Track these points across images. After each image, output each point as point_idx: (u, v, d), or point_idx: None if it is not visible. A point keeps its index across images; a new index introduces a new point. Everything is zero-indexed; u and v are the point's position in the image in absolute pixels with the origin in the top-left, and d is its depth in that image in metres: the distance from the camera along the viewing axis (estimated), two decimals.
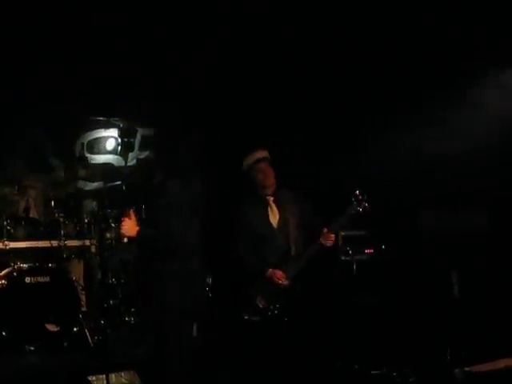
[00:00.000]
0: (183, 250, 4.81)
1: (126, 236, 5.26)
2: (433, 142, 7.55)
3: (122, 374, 5.84)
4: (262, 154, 6.14)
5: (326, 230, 5.83)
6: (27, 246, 7.06)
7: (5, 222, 6.92)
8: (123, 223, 4.92)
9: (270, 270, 5.81)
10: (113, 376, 5.69)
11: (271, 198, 6.06)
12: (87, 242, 7.22)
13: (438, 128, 7.56)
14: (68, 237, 7.09)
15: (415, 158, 7.71)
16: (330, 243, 5.86)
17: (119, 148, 8.56)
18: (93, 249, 7.21)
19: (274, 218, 6.02)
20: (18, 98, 7.66)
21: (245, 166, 6.16)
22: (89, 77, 7.77)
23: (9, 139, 7.81)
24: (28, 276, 6.58)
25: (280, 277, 5.78)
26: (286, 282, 5.78)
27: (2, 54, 6.97)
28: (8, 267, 6.67)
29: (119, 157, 8.82)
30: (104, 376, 5.62)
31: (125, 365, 5.96)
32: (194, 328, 4.99)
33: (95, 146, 8.80)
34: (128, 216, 4.97)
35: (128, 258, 7.74)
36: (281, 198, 6.06)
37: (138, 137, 8.78)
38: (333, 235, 5.85)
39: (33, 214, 7.68)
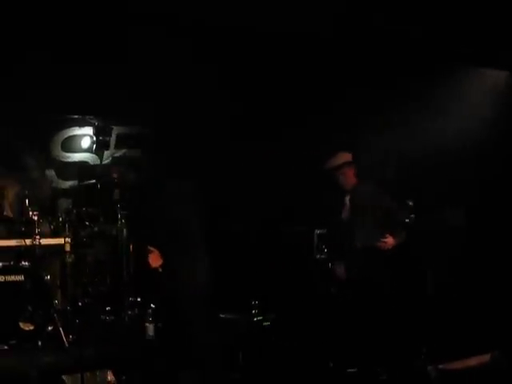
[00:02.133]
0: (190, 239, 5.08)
1: (151, 267, 5.40)
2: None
3: (97, 373, 5.82)
4: (346, 157, 6.54)
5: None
6: (1, 244, 6.99)
7: None
8: (150, 255, 5.29)
9: None
10: (88, 375, 5.66)
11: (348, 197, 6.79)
12: (62, 241, 7.14)
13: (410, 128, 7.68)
14: (43, 235, 7.01)
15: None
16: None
17: (94, 146, 8.56)
18: (67, 247, 7.13)
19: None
20: None
21: (329, 165, 6.52)
22: (64, 74, 7.73)
23: None
24: (1, 275, 6.51)
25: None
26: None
27: None
28: None
29: (94, 155, 8.80)
30: (79, 375, 5.59)
31: (100, 364, 5.93)
32: None
33: (70, 144, 8.75)
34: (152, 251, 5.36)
35: (102, 257, 7.74)
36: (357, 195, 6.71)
37: (113, 135, 8.79)
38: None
39: (7, 212, 7.63)
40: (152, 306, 6.79)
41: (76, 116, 8.64)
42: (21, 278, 6.58)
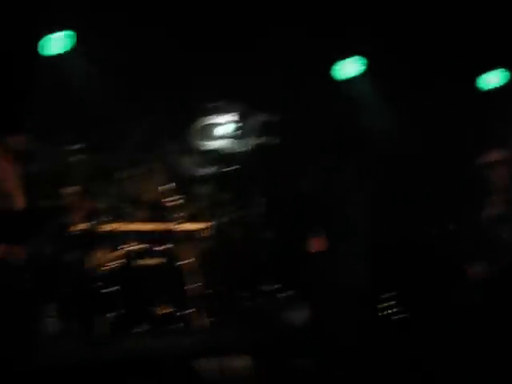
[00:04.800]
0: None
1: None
2: None
3: (234, 358, 5.78)
4: (501, 155, 6.16)
5: None
6: (142, 228, 7.10)
7: (122, 205, 6.97)
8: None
9: None
10: (225, 360, 5.63)
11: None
12: (201, 226, 7.17)
13: None
14: (182, 220, 7.05)
15: None
16: None
17: (234, 133, 8.57)
18: (206, 232, 7.15)
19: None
20: (132, 84, 7.72)
21: (483, 161, 6.14)
22: (206, 62, 7.77)
23: (126, 126, 7.88)
24: (142, 258, 6.61)
25: None
26: None
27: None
28: (122, 249, 6.73)
29: (233, 142, 8.81)
30: (217, 359, 5.57)
31: (237, 349, 5.89)
32: None
33: (211, 131, 8.79)
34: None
35: (240, 243, 7.74)
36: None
37: (252, 123, 8.76)
38: None
39: (149, 197, 7.74)
40: (289, 292, 6.72)
41: (217, 103, 8.66)
42: (161, 261, 6.65)
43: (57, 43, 7.09)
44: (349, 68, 8.20)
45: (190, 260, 7.05)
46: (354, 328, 5.23)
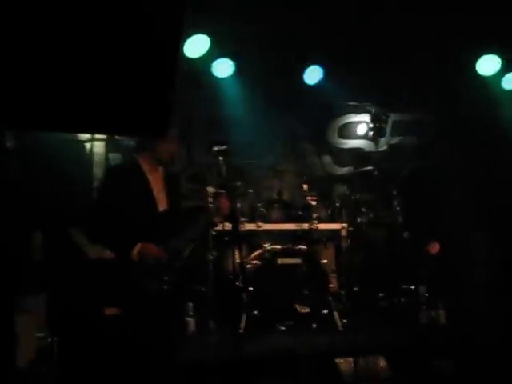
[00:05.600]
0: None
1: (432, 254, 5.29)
2: None
3: (370, 358, 5.75)
4: None
5: None
6: (279, 228, 7.19)
7: (259, 204, 7.09)
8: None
9: None
10: (360, 360, 5.61)
11: None
12: (338, 226, 7.19)
13: None
14: (319, 220, 7.09)
15: None
16: None
17: (370, 133, 8.54)
18: (343, 233, 7.16)
19: None
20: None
21: None
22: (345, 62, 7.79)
23: (268, 126, 8.00)
24: (280, 257, 6.70)
25: None
26: None
27: None
28: (261, 248, 6.85)
29: (370, 142, 8.78)
30: (352, 359, 5.57)
31: (372, 349, 5.87)
32: None
33: (347, 131, 8.80)
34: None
35: (378, 244, 7.69)
36: None
37: (390, 122, 8.70)
38: None
39: (286, 197, 7.84)
40: (426, 294, 6.61)
41: (353, 103, 8.66)
42: (298, 261, 6.72)
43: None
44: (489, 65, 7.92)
45: (328, 260, 7.09)
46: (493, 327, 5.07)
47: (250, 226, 6.94)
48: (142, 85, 2.12)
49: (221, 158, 4.35)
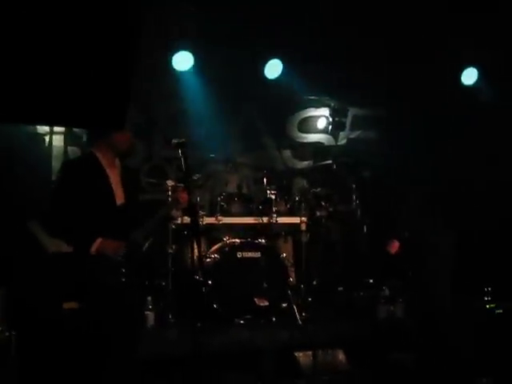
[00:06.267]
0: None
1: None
2: None
3: (329, 351, 5.79)
4: None
5: None
6: (239, 221, 7.19)
7: (218, 198, 7.07)
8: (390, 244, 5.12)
9: None
10: (319, 353, 5.64)
11: None
12: (298, 220, 7.20)
13: None
14: (279, 214, 7.10)
15: None
16: None
17: (330, 127, 8.57)
18: (303, 227, 7.18)
19: None
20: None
21: None
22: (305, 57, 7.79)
23: (228, 120, 7.99)
24: (239, 251, 6.69)
25: None
26: None
27: None
28: (220, 242, 6.85)
29: (330, 136, 8.82)
30: (311, 353, 5.59)
31: (331, 343, 5.90)
32: None
33: (306, 125, 8.82)
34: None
35: (336, 238, 7.74)
36: None
37: (350, 116, 8.75)
38: None
39: (245, 191, 7.85)
40: (384, 287, 6.68)
41: (313, 97, 8.67)
42: (257, 254, 6.72)
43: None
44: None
45: (288, 254, 7.11)
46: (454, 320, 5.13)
47: (210, 220, 6.92)
48: (100, 77, 2.11)
49: (180, 151, 4.32)
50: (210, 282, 6.41)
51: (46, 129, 7.31)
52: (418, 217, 5.76)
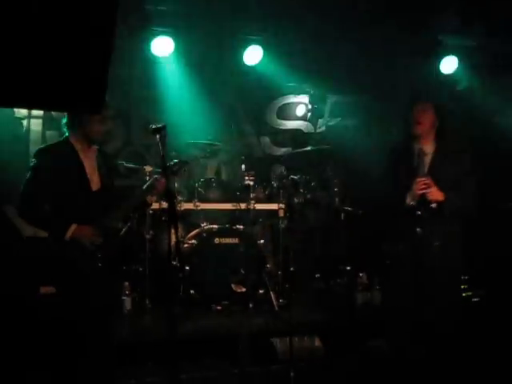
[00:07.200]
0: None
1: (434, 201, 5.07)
2: None
3: (305, 338, 5.81)
4: None
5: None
6: (217, 207, 7.19)
7: (196, 184, 7.06)
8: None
9: None
10: (296, 340, 5.66)
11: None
12: (275, 206, 7.21)
13: None
14: (257, 200, 7.10)
15: None
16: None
17: (309, 114, 8.58)
18: (281, 213, 7.18)
19: None
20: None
21: None
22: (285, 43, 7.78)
23: (207, 106, 7.96)
24: (217, 237, 6.71)
25: None
26: None
27: None
28: (198, 228, 6.84)
29: (309, 123, 8.82)
30: (287, 339, 5.60)
31: (308, 330, 5.92)
32: None
33: (285, 112, 8.83)
34: None
35: (314, 224, 7.75)
36: None
37: (328, 104, 8.76)
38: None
39: (224, 177, 7.83)
40: (361, 274, 6.70)
41: (292, 84, 8.67)
42: (235, 240, 6.74)
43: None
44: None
45: (265, 240, 7.12)
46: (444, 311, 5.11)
47: (188, 206, 6.92)
48: (78, 61, 2.09)
49: (158, 137, 4.29)
50: (187, 268, 6.42)
51: (25, 113, 7.25)
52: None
